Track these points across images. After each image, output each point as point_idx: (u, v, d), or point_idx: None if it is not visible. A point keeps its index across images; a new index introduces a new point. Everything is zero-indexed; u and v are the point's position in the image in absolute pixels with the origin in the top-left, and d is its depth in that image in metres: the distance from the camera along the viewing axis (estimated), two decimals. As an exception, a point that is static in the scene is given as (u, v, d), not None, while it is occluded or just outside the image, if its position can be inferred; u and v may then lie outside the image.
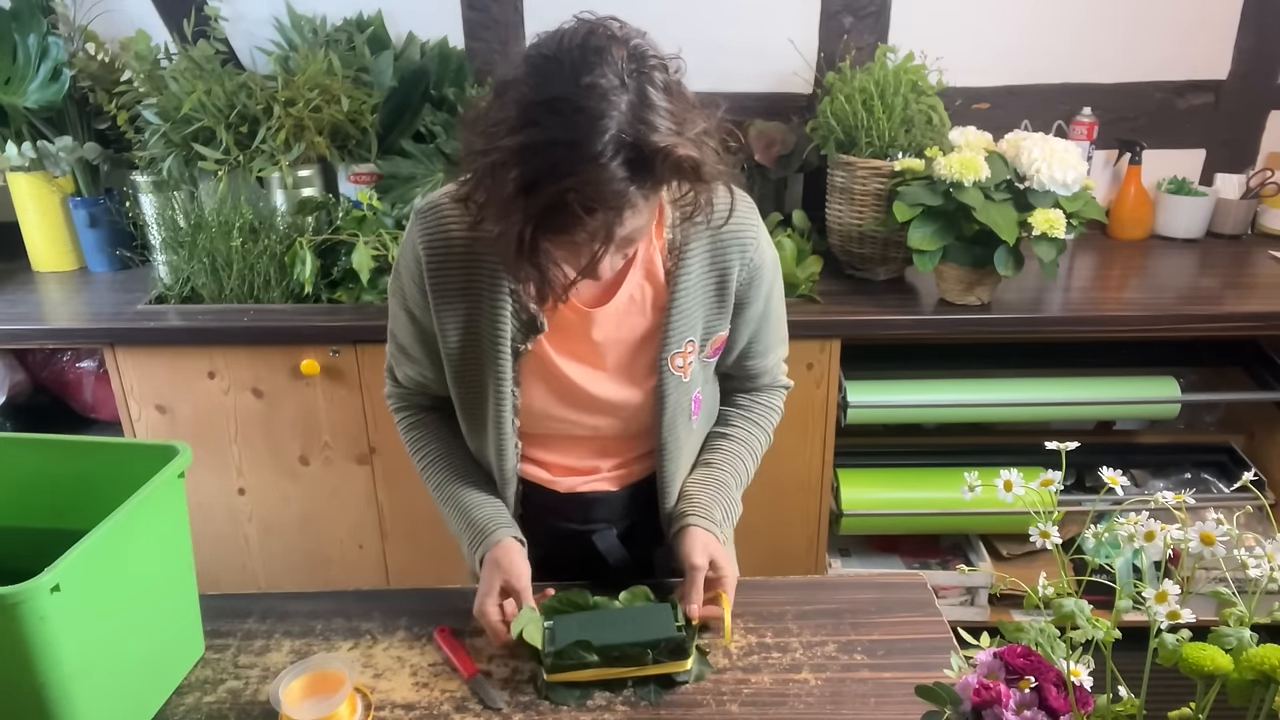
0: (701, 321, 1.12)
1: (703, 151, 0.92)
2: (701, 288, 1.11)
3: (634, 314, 1.11)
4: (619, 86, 0.86)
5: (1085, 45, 2.29)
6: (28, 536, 1.08)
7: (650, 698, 1.05)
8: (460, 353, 1.12)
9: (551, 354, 1.11)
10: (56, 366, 2.18)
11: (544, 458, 1.21)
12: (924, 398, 2.05)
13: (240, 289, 2.00)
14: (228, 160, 2.02)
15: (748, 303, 1.15)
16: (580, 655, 1.04)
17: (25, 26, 2.07)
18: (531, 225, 0.88)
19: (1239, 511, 0.76)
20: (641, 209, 0.92)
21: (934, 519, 2.13)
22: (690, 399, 1.16)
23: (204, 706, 1.06)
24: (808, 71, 2.27)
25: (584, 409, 1.15)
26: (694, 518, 1.15)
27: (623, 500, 1.23)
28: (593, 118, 0.85)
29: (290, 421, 1.99)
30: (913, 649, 1.13)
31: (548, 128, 0.86)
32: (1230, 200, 2.33)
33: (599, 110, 0.85)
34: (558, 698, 1.05)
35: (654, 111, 0.87)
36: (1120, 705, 0.73)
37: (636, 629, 1.06)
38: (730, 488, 1.21)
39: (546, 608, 1.11)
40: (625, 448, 1.21)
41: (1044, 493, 0.75)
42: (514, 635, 1.07)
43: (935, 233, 1.84)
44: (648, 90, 0.88)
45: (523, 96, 0.88)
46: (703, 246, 1.09)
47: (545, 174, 0.86)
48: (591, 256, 0.93)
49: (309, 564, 2.14)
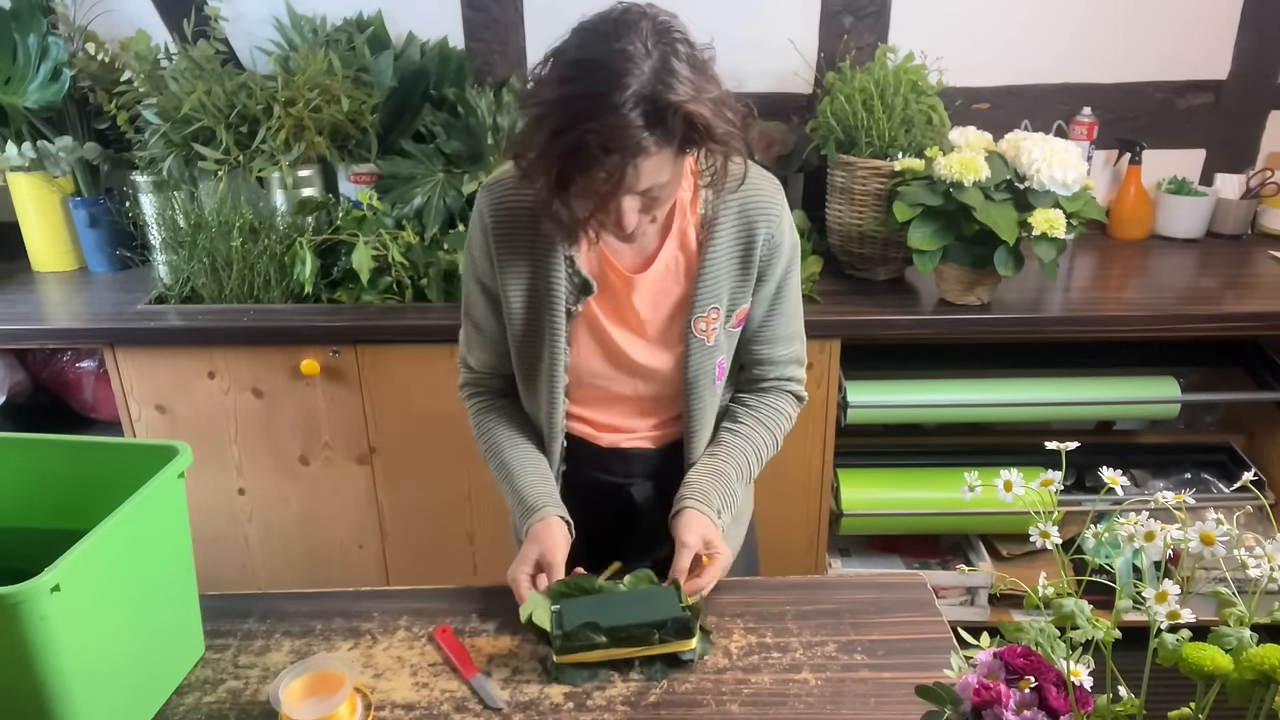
0: (728, 291, 1.22)
1: (716, 115, 1.03)
2: (729, 258, 1.21)
3: (669, 281, 1.22)
4: (645, 53, 1.00)
5: (1085, 45, 2.29)
6: (28, 536, 1.08)
7: (657, 676, 1.09)
8: (523, 314, 1.23)
9: (599, 315, 1.23)
10: (56, 366, 2.18)
11: (589, 415, 1.31)
12: (924, 398, 2.05)
13: (240, 289, 1.99)
14: (228, 160, 2.02)
15: (764, 279, 1.24)
16: (588, 636, 1.07)
17: (25, 26, 2.07)
18: (559, 165, 1.02)
19: (1239, 511, 0.76)
20: (658, 161, 1.03)
21: (934, 519, 2.13)
22: (714, 363, 1.26)
23: (204, 706, 1.06)
24: (808, 71, 2.27)
25: (624, 370, 1.26)
26: (691, 501, 1.23)
27: (658, 456, 1.33)
28: (618, 75, 0.98)
29: (290, 421, 1.99)
30: (913, 649, 1.13)
31: (580, 83, 1.00)
32: (1230, 200, 2.33)
33: (624, 69, 0.98)
34: (566, 678, 1.08)
35: (673, 75, 1.00)
36: (1120, 705, 0.73)
37: (642, 610, 1.10)
38: (731, 478, 1.27)
39: (554, 592, 1.13)
40: (661, 409, 1.31)
41: (1044, 493, 0.75)
42: (523, 619, 1.12)
43: (935, 233, 1.84)
44: (670, 58, 1.01)
45: (562, 57, 1.03)
46: (731, 220, 1.20)
47: (573, 120, 0.99)
48: (611, 195, 1.04)
49: (309, 564, 2.14)
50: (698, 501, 1.22)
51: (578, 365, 1.25)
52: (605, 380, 1.27)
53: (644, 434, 1.33)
